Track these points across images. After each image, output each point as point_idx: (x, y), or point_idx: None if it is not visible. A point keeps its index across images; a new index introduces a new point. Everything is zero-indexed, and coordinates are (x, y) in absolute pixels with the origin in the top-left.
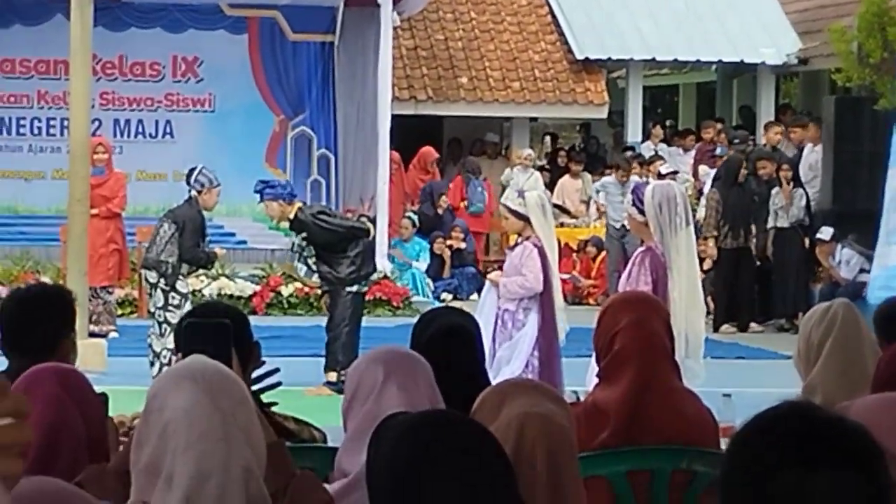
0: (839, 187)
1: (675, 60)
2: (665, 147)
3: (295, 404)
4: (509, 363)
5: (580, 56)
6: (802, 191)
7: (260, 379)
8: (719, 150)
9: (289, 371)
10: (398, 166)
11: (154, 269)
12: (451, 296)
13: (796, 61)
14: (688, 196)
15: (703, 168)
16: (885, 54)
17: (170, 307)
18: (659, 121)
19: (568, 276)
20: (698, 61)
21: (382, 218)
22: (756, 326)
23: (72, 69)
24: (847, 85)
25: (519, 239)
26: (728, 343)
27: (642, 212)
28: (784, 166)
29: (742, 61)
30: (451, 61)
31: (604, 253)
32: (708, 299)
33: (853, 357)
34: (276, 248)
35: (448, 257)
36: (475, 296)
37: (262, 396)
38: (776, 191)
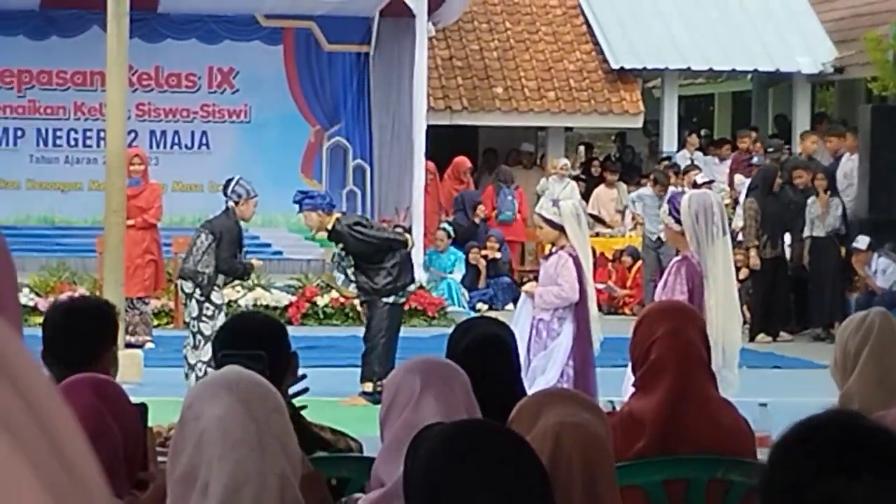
0: (875, 196)
1: (711, 70)
2: (700, 156)
3: (330, 415)
4: (544, 373)
5: (615, 66)
6: (839, 200)
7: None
8: (756, 160)
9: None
10: (434, 176)
11: (190, 280)
12: (487, 306)
13: (832, 70)
14: (724, 205)
15: (739, 177)
16: None
17: (204, 318)
18: (694, 130)
19: (603, 286)
20: (734, 70)
21: (418, 228)
22: (785, 335)
23: (108, 80)
24: (883, 94)
25: (553, 248)
26: (764, 353)
27: (679, 221)
28: (819, 175)
29: (778, 70)
30: (487, 71)
31: (639, 262)
32: (744, 309)
33: (890, 366)
34: (312, 259)
35: (483, 267)
36: (510, 306)
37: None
38: (812, 200)
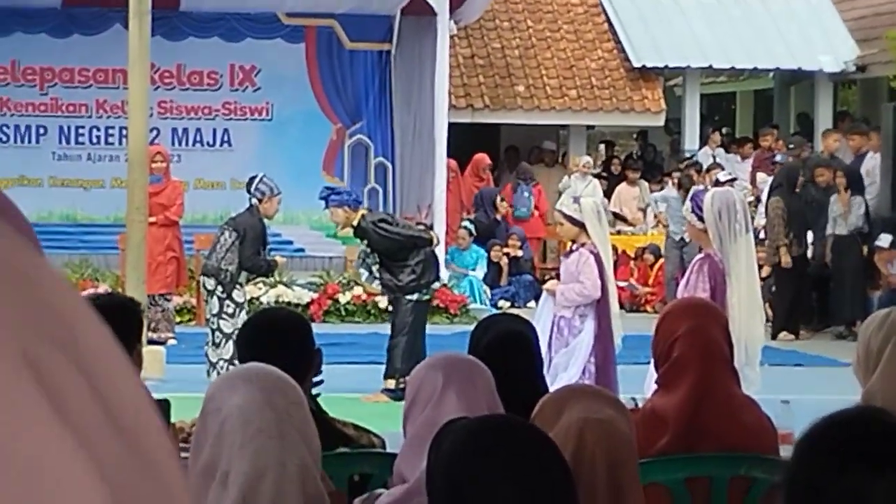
0: None
1: (733, 68)
2: (722, 153)
3: (352, 411)
4: (566, 370)
5: (637, 64)
6: (861, 198)
7: None
8: (779, 157)
9: (346, 378)
10: (455, 174)
11: (213, 277)
12: (509, 303)
13: (854, 68)
14: (747, 203)
15: (762, 175)
16: None
17: (224, 315)
18: (716, 128)
19: (625, 284)
20: (755, 69)
21: (440, 226)
22: (805, 333)
23: (130, 78)
24: None
25: (574, 246)
26: (786, 350)
27: (702, 219)
28: (839, 173)
29: (800, 69)
30: (508, 69)
31: (661, 261)
32: (766, 306)
33: None
34: (334, 256)
35: (505, 265)
36: (532, 303)
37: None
38: (834, 198)
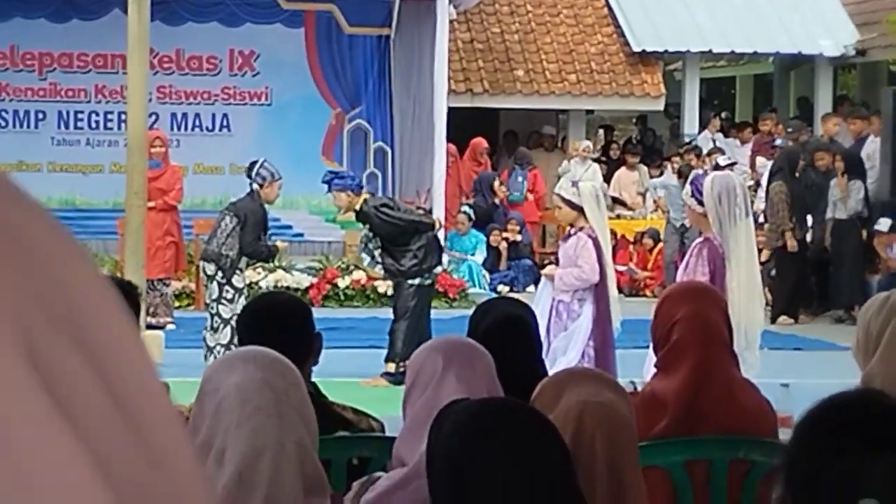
0: None
1: (732, 52)
2: (722, 138)
3: (351, 395)
4: (565, 354)
5: (637, 48)
6: (861, 182)
7: None
8: (779, 142)
9: (345, 363)
10: (455, 159)
11: (213, 262)
12: (508, 288)
13: (854, 52)
14: (747, 187)
15: (761, 160)
16: None
17: (223, 300)
18: (716, 112)
19: (624, 268)
20: (755, 53)
21: (439, 210)
22: (804, 317)
23: (129, 63)
24: None
25: (572, 230)
26: (786, 334)
27: (701, 202)
28: (837, 157)
29: (799, 53)
30: (508, 54)
31: (660, 245)
32: (765, 290)
33: None
34: (333, 241)
35: (504, 249)
36: (531, 288)
37: None
38: (834, 182)
